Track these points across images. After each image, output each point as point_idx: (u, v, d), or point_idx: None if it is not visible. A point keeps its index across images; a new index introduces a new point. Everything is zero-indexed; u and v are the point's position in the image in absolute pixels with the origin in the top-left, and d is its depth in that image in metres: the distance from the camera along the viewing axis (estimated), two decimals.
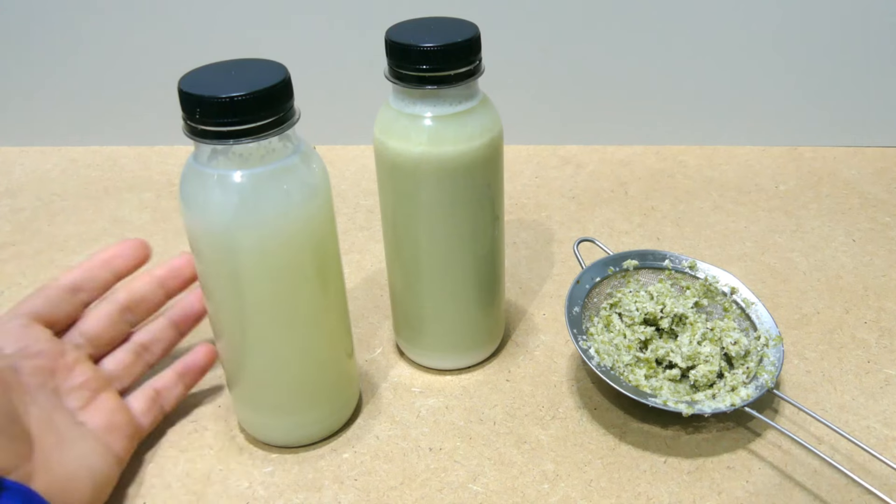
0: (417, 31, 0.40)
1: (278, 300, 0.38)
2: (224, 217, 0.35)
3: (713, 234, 0.62)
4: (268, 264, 0.37)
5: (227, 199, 0.35)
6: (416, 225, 0.43)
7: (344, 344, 0.43)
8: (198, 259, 0.38)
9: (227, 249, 0.36)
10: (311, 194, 0.37)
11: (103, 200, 0.70)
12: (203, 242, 0.37)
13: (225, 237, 0.36)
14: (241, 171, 0.35)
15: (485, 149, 0.41)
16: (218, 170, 0.35)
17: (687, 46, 0.70)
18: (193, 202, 0.36)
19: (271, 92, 0.34)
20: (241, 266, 0.37)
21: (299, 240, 0.37)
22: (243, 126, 0.34)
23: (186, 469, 0.42)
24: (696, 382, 0.45)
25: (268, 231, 0.36)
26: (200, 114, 0.33)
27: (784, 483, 0.40)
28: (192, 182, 0.36)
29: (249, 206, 0.35)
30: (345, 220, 0.65)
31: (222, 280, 0.38)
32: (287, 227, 0.36)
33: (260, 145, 0.35)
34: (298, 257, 0.37)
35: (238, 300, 0.38)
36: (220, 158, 0.35)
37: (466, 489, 0.41)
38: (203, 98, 0.33)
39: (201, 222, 0.36)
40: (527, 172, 0.72)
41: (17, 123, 0.78)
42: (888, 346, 0.50)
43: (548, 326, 0.52)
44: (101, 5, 0.71)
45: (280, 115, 0.35)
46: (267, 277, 0.37)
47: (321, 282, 0.39)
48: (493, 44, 0.47)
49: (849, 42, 0.69)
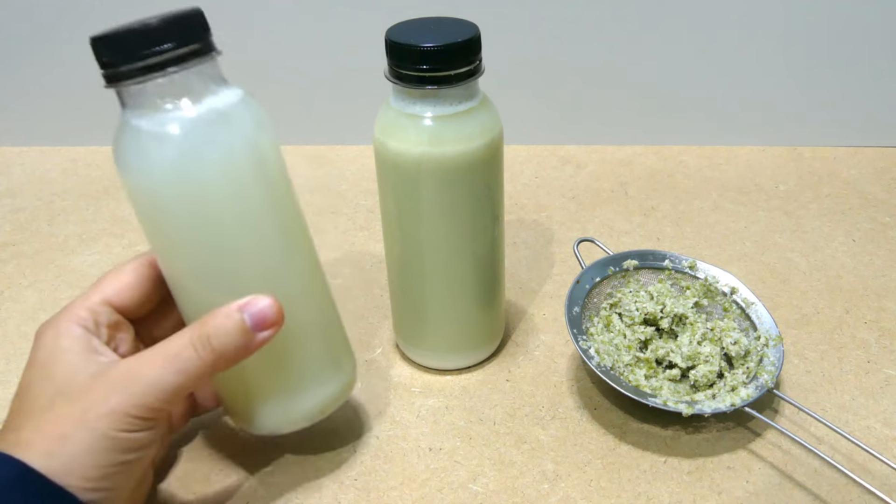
0: (417, 31, 0.40)
1: (227, 260, 0.35)
2: (158, 167, 0.33)
3: (713, 234, 0.62)
4: (205, 219, 0.34)
5: (159, 151, 0.33)
6: (416, 225, 0.43)
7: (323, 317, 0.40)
8: (146, 230, 0.36)
9: (167, 206, 0.34)
10: (248, 139, 0.34)
11: (103, 200, 0.70)
12: (143, 204, 0.34)
13: (162, 192, 0.33)
14: (169, 114, 0.33)
15: (485, 149, 0.41)
16: (144, 119, 0.33)
17: (687, 46, 0.70)
18: (127, 161, 0.34)
19: (178, 19, 0.32)
20: (182, 224, 0.34)
21: (237, 188, 0.34)
22: (150, 60, 0.32)
23: (186, 469, 0.42)
24: (696, 382, 0.45)
25: (204, 179, 0.33)
26: (109, 56, 0.32)
27: (784, 483, 0.41)
28: (122, 140, 0.34)
29: (185, 152, 0.33)
30: (345, 220, 0.65)
31: (172, 248, 0.35)
32: (223, 172, 0.33)
33: (181, 82, 0.32)
34: (241, 208, 0.34)
35: (188, 268, 0.35)
36: (143, 105, 0.33)
37: (466, 489, 0.41)
38: (109, 37, 0.32)
39: (138, 178, 0.33)
40: (527, 172, 0.72)
41: (17, 123, 0.78)
42: (888, 346, 0.50)
43: (548, 326, 0.52)
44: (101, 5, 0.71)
45: (191, 46, 0.33)
46: (206, 234, 0.34)
47: (281, 238, 0.36)
48: (493, 44, 0.47)
49: (849, 42, 0.69)
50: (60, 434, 0.31)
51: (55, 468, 0.31)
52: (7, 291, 0.58)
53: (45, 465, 0.31)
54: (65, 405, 0.32)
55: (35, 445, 0.31)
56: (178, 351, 0.33)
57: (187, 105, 0.33)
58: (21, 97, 0.77)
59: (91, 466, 0.31)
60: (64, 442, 0.31)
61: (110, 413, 0.32)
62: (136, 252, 0.62)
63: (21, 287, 0.58)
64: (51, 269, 0.60)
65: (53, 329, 0.35)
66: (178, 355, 0.33)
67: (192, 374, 0.33)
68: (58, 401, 0.33)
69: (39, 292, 0.58)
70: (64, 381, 0.33)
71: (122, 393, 0.32)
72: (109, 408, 0.32)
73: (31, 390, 0.34)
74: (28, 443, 0.31)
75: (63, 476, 0.31)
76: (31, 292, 0.58)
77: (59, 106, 0.77)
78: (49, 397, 0.33)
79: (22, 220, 0.67)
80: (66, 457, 0.31)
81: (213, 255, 0.35)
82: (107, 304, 0.37)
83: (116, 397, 0.32)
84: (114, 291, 0.37)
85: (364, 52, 0.70)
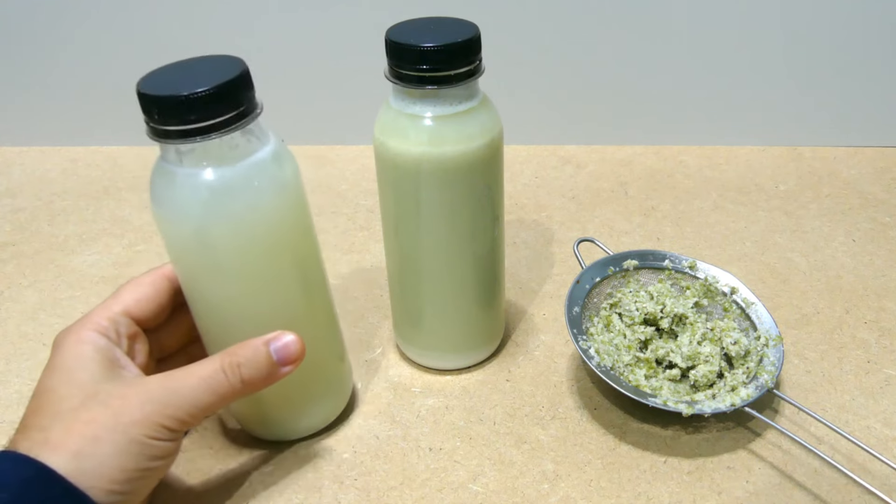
0: (417, 31, 0.40)
1: (252, 299, 0.37)
2: (194, 215, 0.35)
3: (713, 234, 0.62)
4: (239, 261, 0.36)
5: (196, 197, 0.34)
6: (416, 225, 0.43)
7: (332, 347, 0.43)
8: (174, 260, 0.38)
9: (199, 248, 0.35)
10: (280, 189, 0.36)
11: (103, 200, 0.70)
12: (176, 242, 0.36)
13: (197, 235, 0.35)
14: (208, 169, 0.34)
15: (485, 149, 0.41)
16: (184, 168, 0.34)
17: (687, 47, 0.70)
18: (164, 201, 0.35)
19: (229, 87, 0.33)
20: (214, 265, 0.36)
21: (270, 236, 0.36)
22: (202, 123, 0.33)
23: (186, 469, 0.42)
24: (696, 382, 0.45)
25: (238, 227, 0.35)
26: (159, 114, 0.33)
27: (784, 483, 0.41)
28: (160, 181, 0.35)
29: (218, 202, 0.34)
30: (345, 220, 0.65)
31: (197, 280, 0.37)
32: (257, 221, 0.35)
33: (223, 142, 0.34)
34: (270, 253, 0.37)
35: (215, 300, 0.37)
36: (186, 157, 0.34)
37: (466, 489, 0.41)
38: (160, 98, 0.32)
39: (173, 221, 0.35)
40: (527, 172, 0.72)
41: (17, 123, 0.78)
42: (888, 346, 0.50)
43: (548, 326, 0.52)
44: (100, 5, 0.71)
45: (240, 109, 0.34)
46: (239, 275, 0.36)
47: (300, 277, 0.39)
48: (493, 44, 0.47)
49: (849, 42, 0.69)
50: (93, 436, 0.32)
51: (85, 468, 0.32)
52: (7, 291, 0.58)
53: (75, 466, 0.31)
54: (97, 409, 0.33)
55: (65, 445, 0.32)
56: (210, 374, 0.35)
57: (225, 154, 0.35)
58: (21, 97, 0.77)
59: (118, 469, 0.33)
60: (96, 443, 0.32)
61: (144, 419, 0.33)
62: (135, 252, 0.62)
63: (21, 287, 0.58)
64: (51, 269, 0.60)
65: (75, 336, 0.36)
66: (212, 378, 0.35)
67: (222, 395, 0.35)
68: (90, 404, 0.33)
69: (39, 292, 0.58)
70: (92, 387, 0.34)
71: (157, 403, 0.34)
72: (144, 415, 0.33)
73: (56, 393, 0.34)
74: (57, 442, 0.32)
75: (90, 477, 0.32)
76: (31, 292, 0.58)
77: (59, 106, 0.77)
78: (79, 400, 0.34)
79: (22, 220, 0.67)
80: (97, 458, 0.32)
81: (238, 286, 0.37)
82: (126, 315, 0.38)
83: (151, 406, 0.34)
84: (133, 302, 0.38)
85: (364, 52, 0.70)
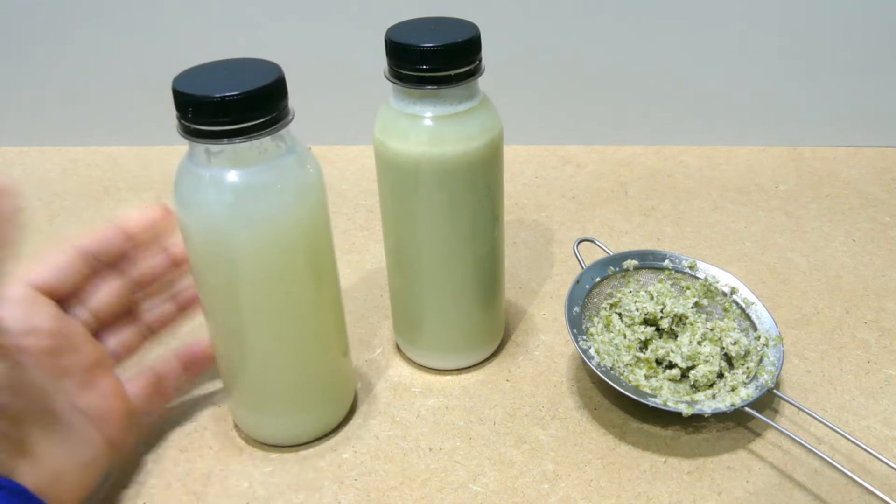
0: (417, 31, 0.40)
1: (272, 299, 0.38)
2: (218, 217, 0.35)
3: (713, 234, 0.62)
4: (262, 263, 0.37)
5: (221, 199, 0.35)
6: (416, 225, 0.43)
7: (339, 343, 0.43)
8: (193, 258, 0.38)
9: (222, 249, 0.36)
10: (304, 194, 0.37)
11: (103, 200, 0.70)
12: (197, 242, 0.37)
13: (219, 237, 0.36)
14: (235, 171, 0.35)
15: (485, 149, 0.41)
16: (212, 169, 0.35)
17: (687, 46, 0.70)
18: (188, 202, 0.36)
19: (265, 92, 0.34)
20: (236, 265, 0.37)
21: (293, 239, 0.37)
22: (236, 126, 0.33)
23: (186, 469, 0.42)
24: (696, 382, 0.45)
25: (261, 230, 0.36)
26: (193, 113, 0.33)
27: (784, 483, 0.40)
28: (186, 181, 0.36)
29: (243, 205, 0.35)
30: (345, 220, 0.65)
31: (217, 279, 0.38)
32: (281, 226, 0.36)
33: (252, 145, 0.35)
34: (292, 257, 0.37)
35: (233, 299, 0.38)
36: (215, 158, 0.35)
37: (466, 489, 0.41)
38: (196, 98, 0.33)
39: (196, 222, 0.36)
40: (527, 172, 0.72)
41: (17, 123, 0.78)
42: (888, 346, 0.50)
43: (548, 326, 0.52)
44: (101, 5, 0.71)
45: (273, 114, 0.35)
46: (261, 277, 0.37)
47: (315, 281, 0.39)
48: (493, 44, 0.47)
49: (849, 42, 0.69)
50: None
51: None
52: None
53: None
54: None
55: None
56: None
57: (255, 157, 0.35)
58: (21, 97, 0.76)
59: None
60: None
61: None
62: None
63: None
64: None
65: None
66: None
67: None
68: None
69: None
70: None
71: None
72: None
73: None
74: None
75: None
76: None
77: (59, 106, 0.76)
78: None
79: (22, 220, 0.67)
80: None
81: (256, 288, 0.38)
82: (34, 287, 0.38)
83: None
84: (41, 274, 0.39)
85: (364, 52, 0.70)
